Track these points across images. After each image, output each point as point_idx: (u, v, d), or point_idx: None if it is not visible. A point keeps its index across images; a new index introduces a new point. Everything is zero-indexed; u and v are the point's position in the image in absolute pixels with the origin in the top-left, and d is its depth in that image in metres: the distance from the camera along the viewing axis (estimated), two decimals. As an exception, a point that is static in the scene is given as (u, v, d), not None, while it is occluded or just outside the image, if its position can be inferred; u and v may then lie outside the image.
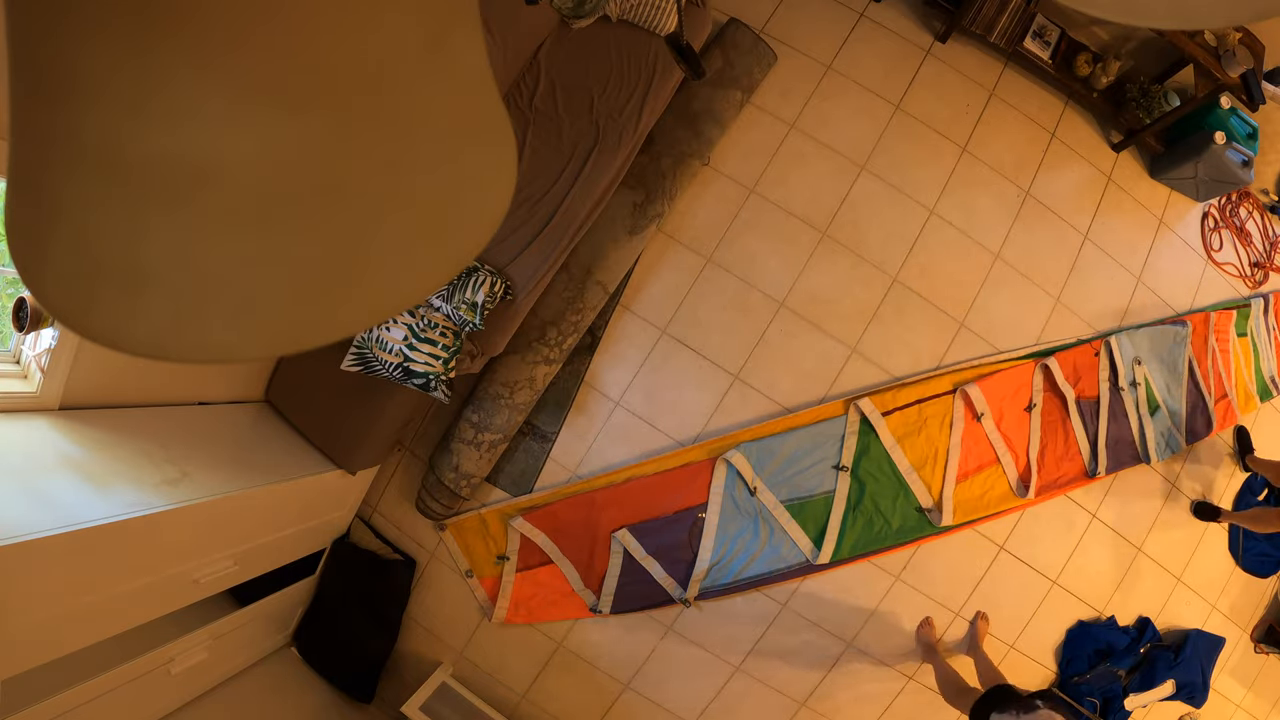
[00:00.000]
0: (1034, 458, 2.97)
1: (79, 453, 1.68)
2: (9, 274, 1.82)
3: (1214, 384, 3.26)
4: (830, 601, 2.93)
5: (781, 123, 2.98)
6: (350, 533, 2.96)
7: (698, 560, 2.82)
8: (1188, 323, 3.19)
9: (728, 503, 2.83)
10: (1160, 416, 3.15)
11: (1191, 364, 3.21)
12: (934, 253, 3.00)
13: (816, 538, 2.85)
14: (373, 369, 2.29)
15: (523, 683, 2.98)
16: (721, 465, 2.82)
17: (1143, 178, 3.30)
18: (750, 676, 2.95)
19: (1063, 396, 3.01)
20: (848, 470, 2.85)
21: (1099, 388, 3.06)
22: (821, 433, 2.86)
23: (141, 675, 1.94)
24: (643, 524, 2.83)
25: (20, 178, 0.32)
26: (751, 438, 2.84)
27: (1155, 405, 3.15)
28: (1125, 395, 3.09)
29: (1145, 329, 3.15)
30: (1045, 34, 3.05)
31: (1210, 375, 3.25)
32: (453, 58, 0.38)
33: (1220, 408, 3.27)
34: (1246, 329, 3.39)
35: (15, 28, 0.28)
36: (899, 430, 2.88)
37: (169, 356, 0.35)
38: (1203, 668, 3.13)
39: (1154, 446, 3.10)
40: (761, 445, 2.83)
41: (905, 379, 2.93)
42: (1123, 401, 3.09)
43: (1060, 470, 3.02)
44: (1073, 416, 3.02)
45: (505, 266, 2.38)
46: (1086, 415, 3.05)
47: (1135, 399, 3.10)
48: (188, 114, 0.29)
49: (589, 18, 2.47)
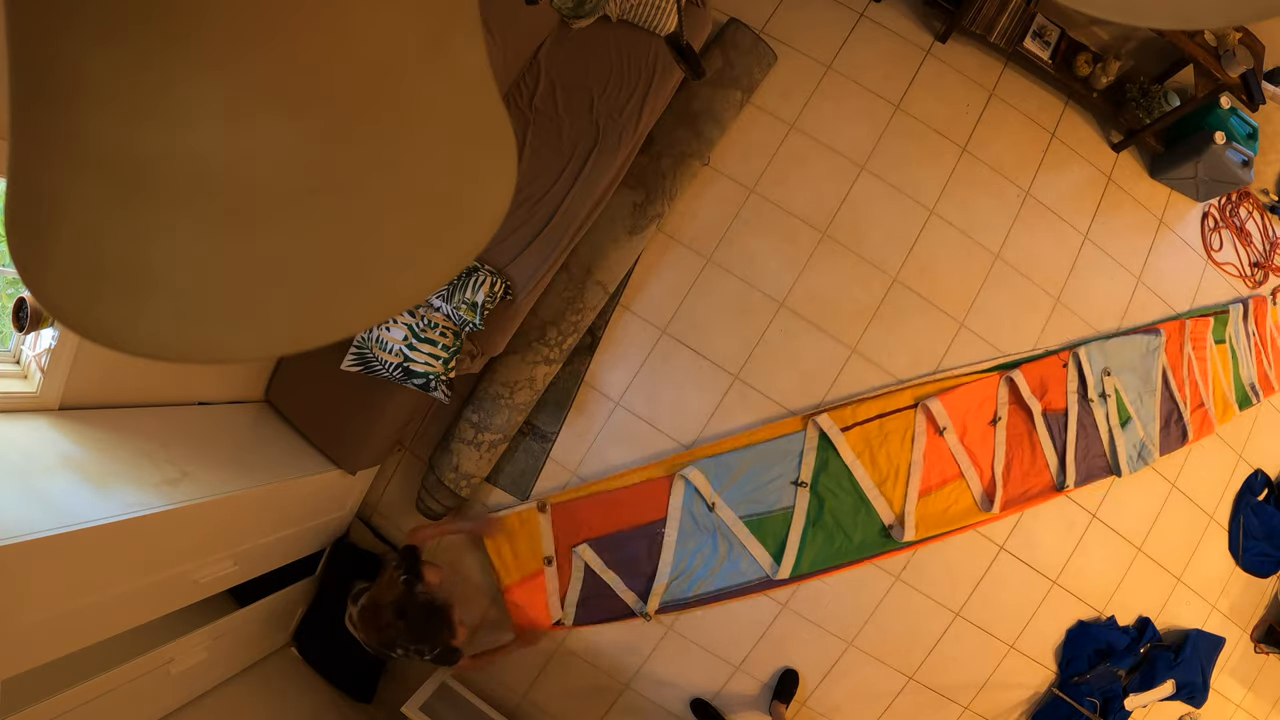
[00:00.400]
0: (999, 472, 2.93)
1: (79, 453, 1.68)
2: (9, 274, 1.82)
3: (1190, 393, 3.20)
4: (830, 602, 2.93)
5: (781, 123, 2.99)
6: (350, 533, 2.96)
7: (657, 574, 2.81)
8: (1161, 331, 3.14)
9: (687, 518, 2.81)
10: (1132, 428, 3.10)
11: (1166, 373, 3.16)
12: (934, 253, 3.00)
13: (776, 553, 2.82)
14: (373, 369, 2.29)
15: (523, 683, 2.98)
16: (680, 481, 2.81)
17: (1143, 178, 3.30)
18: (750, 677, 2.95)
19: (1028, 409, 2.97)
20: (807, 486, 2.83)
21: (1067, 400, 3.02)
22: (780, 449, 2.84)
23: (141, 675, 1.94)
24: (603, 538, 2.82)
25: (20, 178, 0.32)
26: (710, 454, 2.83)
27: (1127, 417, 3.09)
28: (1095, 407, 3.04)
29: (1116, 338, 3.10)
30: (1045, 34, 3.05)
31: (1186, 384, 3.19)
32: (453, 58, 0.38)
33: (1197, 417, 3.22)
34: (1225, 336, 3.33)
35: (15, 29, 0.28)
36: (859, 446, 2.85)
37: (169, 356, 0.35)
38: (1203, 668, 3.13)
39: (1125, 459, 3.06)
40: (719, 461, 2.81)
41: (865, 394, 2.90)
42: (1092, 413, 3.05)
43: (1027, 484, 2.98)
44: (1039, 429, 2.98)
45: (505, 266, 2.38)
46: (1054, 428, 3.01)
47: (1105, 411, 3.06)
48: (189, 115, 0.29)
49: (589, 18, 2.47)
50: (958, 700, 3.03)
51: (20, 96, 0.30)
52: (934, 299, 2.98)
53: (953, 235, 3.01)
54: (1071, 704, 2.99)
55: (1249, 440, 3.38)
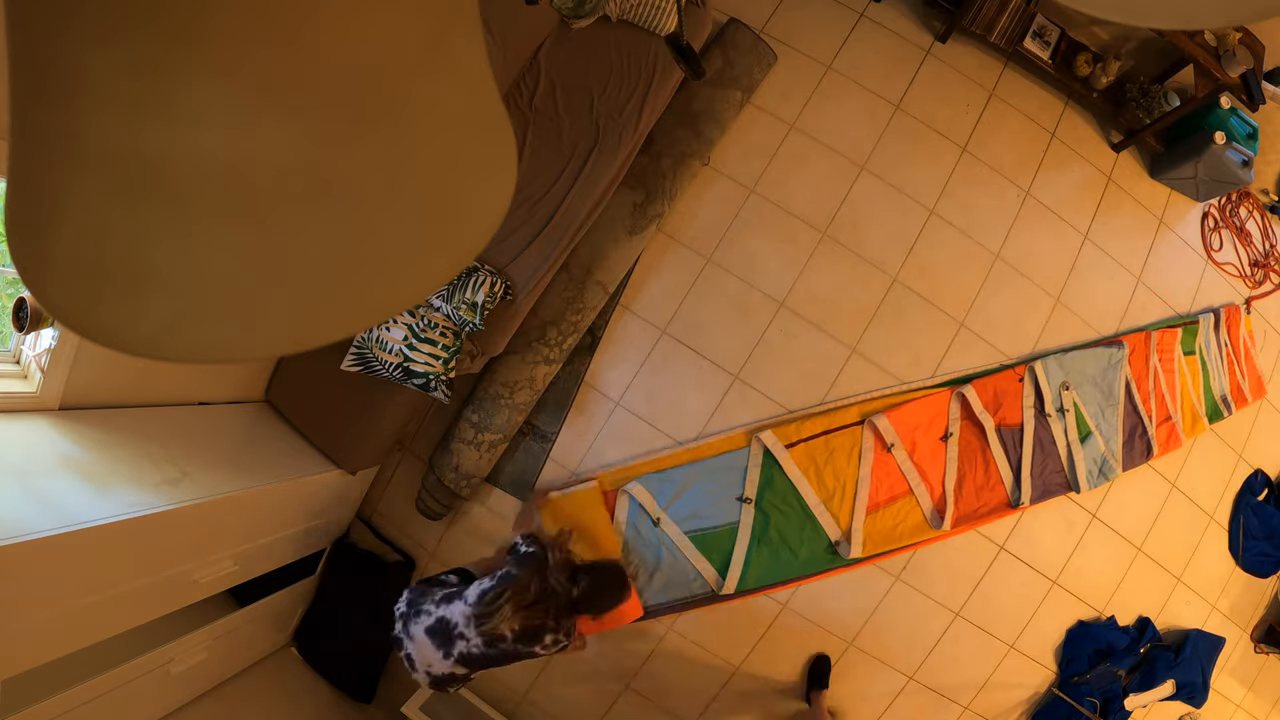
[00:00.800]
0: (950, 488, 2.87)
1: (79, 453, 1.68)
2: (9, 274, 1.82)
3: (1156, 406, 3.10)
4: (829, 602, 2.93)
5: (781, 123, 2.99)
6: (350, 533, 2.96)
7: None
8: (1124, 344, 3.05)
9: (631, 533, 2.78)
10: (1092, 443, 3.01)
11: (1129, 386, 3.06)
12: (934, 253, 3.00)
13: (721, 568, 2.79)
14: (373, 369, 2.29)
15: (523, 683, 2.98)
16: (623, 496, 2.78)
17: (1143, 178, 3.30)
18: (750, 677, 2.95)
19: (981, 425, 2.91)
20: (751, 502, 2.80)
21: (1023, 415, 2.95)
22: (724, 464, 2.81)
23: (141, 675, 1.94)
24: None
25: (20, 178, 0.32)
26: (653, 469, 2.81)
27: (1087, 431, 3.01)
28: (1053, 422, 2.96)
29: (1077, 351, 3.03)
30: (1045, 34, 3.06)
31: (1151, 397, 3.09)
32: (453, 58, 0.38)
33: (1163, 431, 3.12)
34: (1194, 347, 3.22)
35: (15, 29, 0.28)
36: (804, 462, 2.81)
37: (169, 356, 0.35)
38: (1203, 668, 3.13)
39: (1084, 475, 2.98)
40: (663, 476, 2.79)
41: (809, 409, 2.88)
42: (1050, 429, 2.97)
43: (980, 500, 2.92)
44: (992, 445, 2.91)
45: (505, 266, 2.38)
46: (1008, 443, 2.93)
47: (1064, 426, 2.98)
48: (189, 116, 0.29)
49: (589, 18, 2.47)
50: (958, 700, 3.03)
51: (20, 96, 0.30)
52: (934, 299, 2.98)
53: (953, 235, 3.02)
54: (1071, 704, 2.99)
55: (1249, 440, 3.38)
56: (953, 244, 3.01)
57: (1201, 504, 3.27)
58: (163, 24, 0.27)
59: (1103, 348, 3.06)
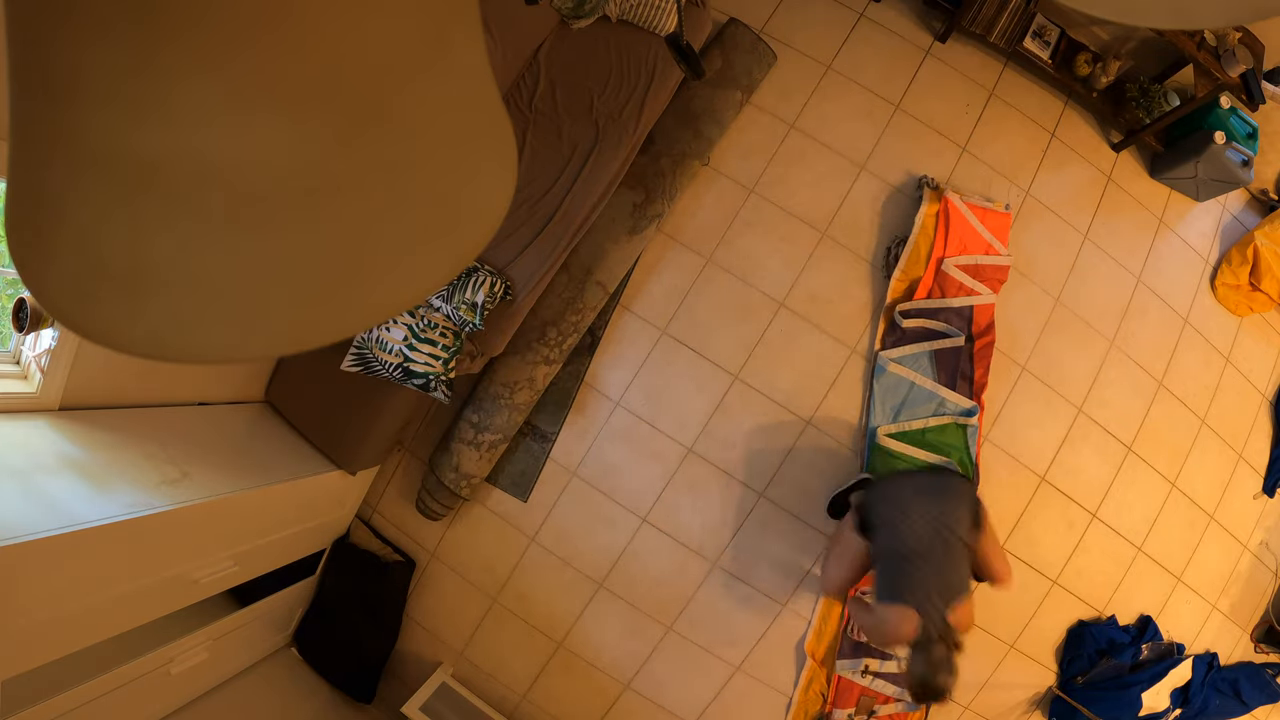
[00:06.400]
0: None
1: (79, 453, 1.68)
2: (9, 274, 1.82)
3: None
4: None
5: (781, 123, 2.98)
6: (350, 533, 2.96)
7: None
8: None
9: None
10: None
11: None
12: (934, 253, 2.99)
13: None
14: (373, 369, 2.29)
15: (523, 683, 2.98)
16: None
17: (1143, 177, 3.30)
18: (751, 676, 2.94)
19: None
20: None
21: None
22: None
23: (141, 675, 1.94)
24: None
25: (20, 178, 0.32)
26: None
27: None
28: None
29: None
30: (1045, 34, 3.05)
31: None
32: (453, 58, 0.38)
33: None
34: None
35: (15, 29, 0.28)
36: None
37: (169, 356, 0.35)
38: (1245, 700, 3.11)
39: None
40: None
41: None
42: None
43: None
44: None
45: (505, 266, 2.38)
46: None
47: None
48: (189, 115, 0.29)
49: (589, 18, 2.47)
50: (958, 700, 3.03)
51: (20, 96, 0.30)
52: (934, 299, 2.98)
53: (953, 235, 3.01)
54: (1071, 704, 2.99)
55: (1249, 440, 3.37)
56: (953, 244, 3.01)
57: (1202, 504, 3.27)
58: (160, 19, 0.27)
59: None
